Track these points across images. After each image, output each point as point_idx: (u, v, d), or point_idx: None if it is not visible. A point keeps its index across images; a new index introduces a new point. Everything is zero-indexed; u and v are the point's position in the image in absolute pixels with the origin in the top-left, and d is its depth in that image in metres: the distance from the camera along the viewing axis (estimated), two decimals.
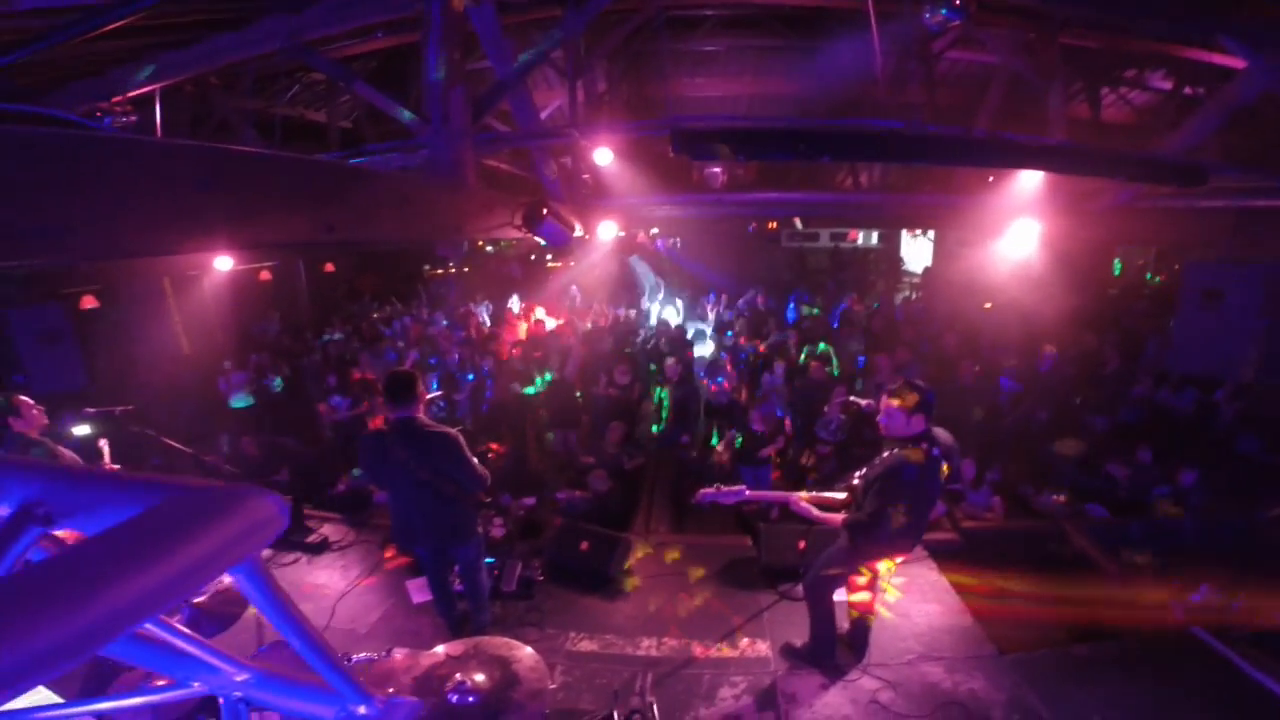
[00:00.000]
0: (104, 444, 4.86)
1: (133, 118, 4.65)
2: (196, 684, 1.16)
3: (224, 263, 8.01)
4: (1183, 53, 6.50)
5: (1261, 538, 5.27)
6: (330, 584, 5.14)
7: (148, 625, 1.00)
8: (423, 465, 3.82)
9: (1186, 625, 4.18)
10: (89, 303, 9.11)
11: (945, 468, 3.57)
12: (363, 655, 3.65)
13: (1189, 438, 7.22)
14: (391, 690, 2.83)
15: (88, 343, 8.96)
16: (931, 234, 17.35)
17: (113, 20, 3.60)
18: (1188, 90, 8.05)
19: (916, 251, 18.81)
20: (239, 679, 1.18)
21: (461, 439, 3.92)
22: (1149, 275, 15.03)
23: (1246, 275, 7.17)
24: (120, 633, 0.72)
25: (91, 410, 5.75)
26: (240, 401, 9.08)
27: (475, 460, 3.95)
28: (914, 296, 14.23)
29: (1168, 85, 8.63)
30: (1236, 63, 5.61)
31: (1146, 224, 7.99)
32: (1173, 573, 4.62)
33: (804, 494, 3.98)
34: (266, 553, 5.38)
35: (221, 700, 1.22)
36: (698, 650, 4.32)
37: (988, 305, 10.88)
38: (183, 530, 0.81)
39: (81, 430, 4.98)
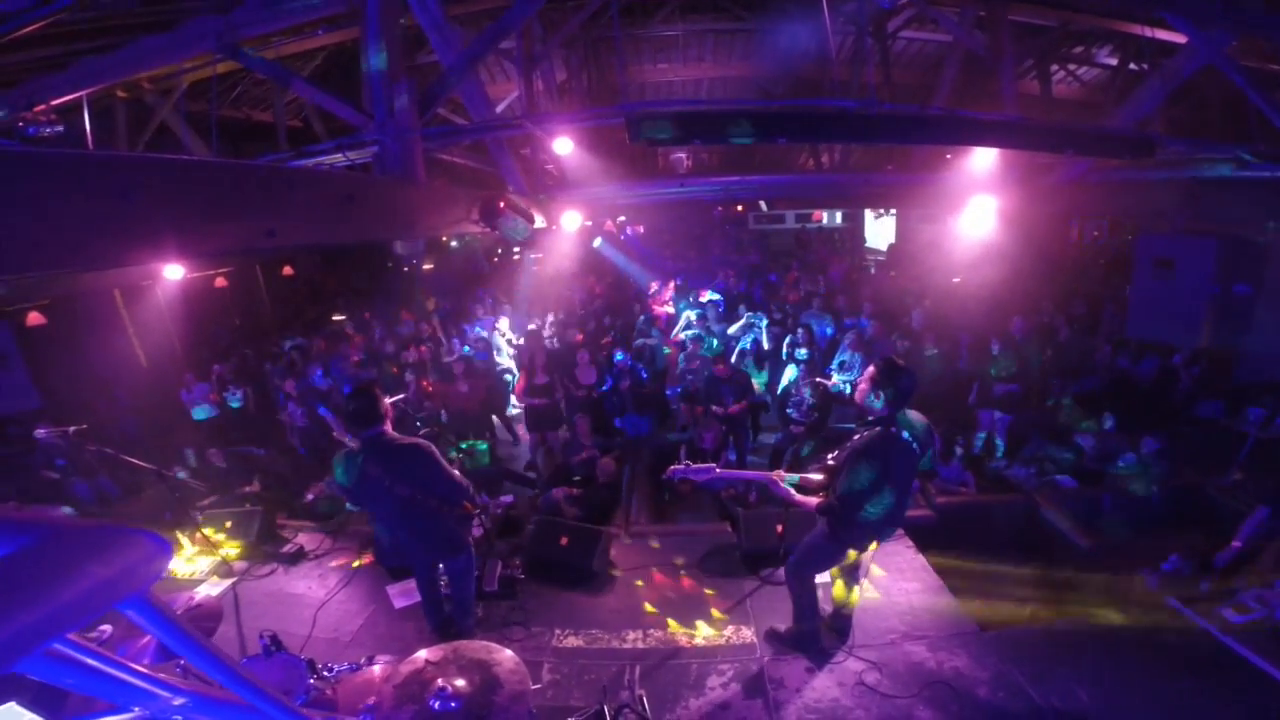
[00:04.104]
0: None
1: (59, 127, 4.41)
2: (136, 709, 1.17)
3: (175, 271, 7.72)
4: (1128, 28, 6.63)
5: (1224, 503, 5.41)
6: (309, 593, 5.01)
7: (83, 655, 1.01)
8: (399, 481, 3.72)
9: (1160, 595, 4.26)
10: (35, 320, 8.76)
11: (920, 451, 3.57)
12: (344, 665, 3.60)
13: (1150, 404, 7.42)
14: (373, 700, 2.80)
15: (38, 361, 8.62)
16: (894, 212, 17.56)
17: (23, 25, 3.39)
18: (1133, 66, 8.24)
19: (880, 230, 19.03)
20: (177, 703, 1.19)
21: (434, 450, 3.82)
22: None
23: (1197, 246, 7.41)
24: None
25: (44, 430, 5.54)
26: (203, 413, 8.81)
27: (452, 469, 3.86)
28: (884, 274, 14.38)
29: (1114, 61, 8.82)
30: (1178, 37, 5.73)
31: (1099, 197, 8.16)
32: (1143, 542, 4.70)
33: (782, 473, 3.96)
34: (241, 564, 5.29)
35: None
36: (684, 640, 4.32)
37: (956, 280, 11.04)
38: (57, 570, 0.81)
39: None
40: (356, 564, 5.32)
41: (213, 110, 5.67)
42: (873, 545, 3.78)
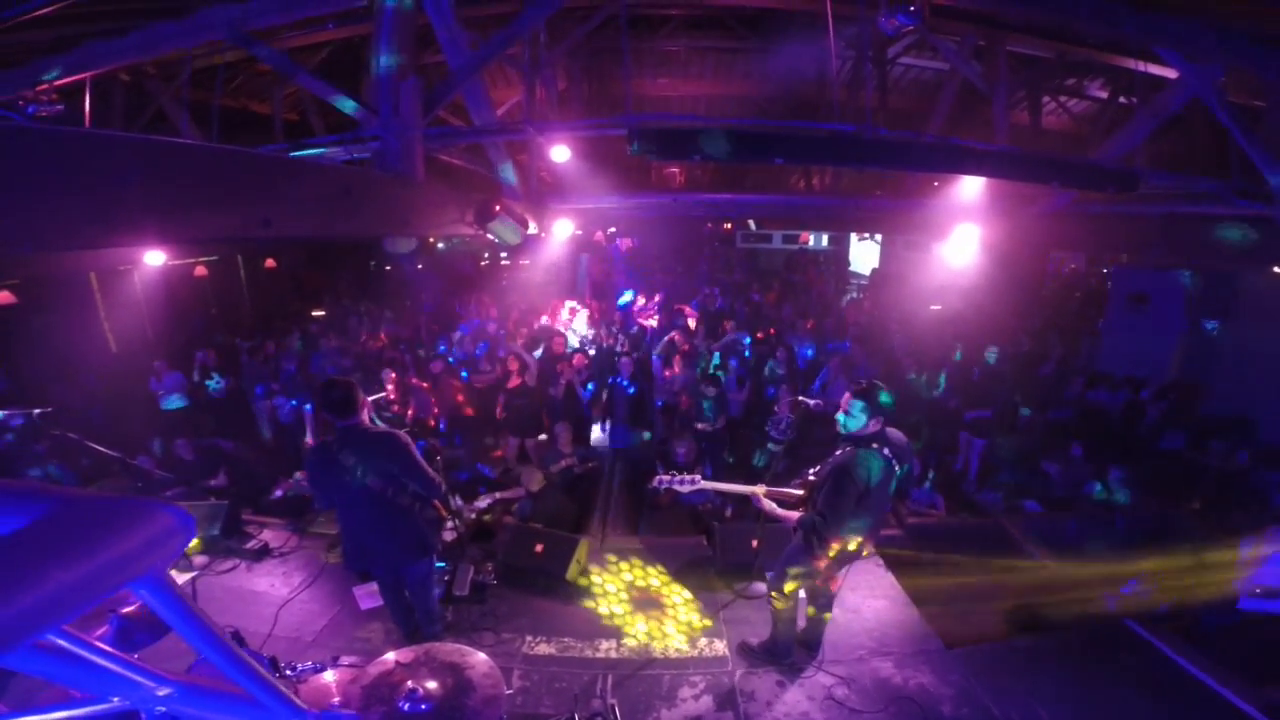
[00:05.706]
0: None
1: (59, 107, 4.36)
2: (116, 699, 1.12)
3: (155, 257, 7.58)
4: (1121, 61, 6.82)
5: (1183, 531, 5.56)
6: (272, 591, 4.90)
7: (58, 639, 0.95)
8: (372, 472, 3.64)
9: (1119, 617, 4.36)
10: (5, 299, 8.55)
11: (897, 470, 3.63)
12: (308, 665, 3.52)
13: (1117, 435, 7.58)
14: (337, 701, 2.72)
15: (5, 341, 8.40)
16: (879, 237, 17.83)
17: (35, 8, 3.35)
18: (1122, 99, 8.47)
19: (864, 254, 19.29)
20: (161, 693, 1.15)
21: (410, 441, 3.75)
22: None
23: (1170, 281, 7.62)
24: (9, 647, 0.68)
25: (4, 412, 5.40)
26: (173, 403, 8.62)
27: (427, 465, 3.78)
28: (860, 298, 14.60)
29: (1104, 94, 9.06)
30: (1169, 72, 5.92)
31: (1081, 229, 8.36)
32: (1105, 566, 4.82)
33: (763, 488, 4.01)
34: (201, 559, 5.14)
35: (144, 715, 1.19)
36: (656, 651, 4.30)
37: (936, 307, 11.22)
38: (73, 543, 0.76)
39: None
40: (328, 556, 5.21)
41: (216, 99, 5.63)
42: (865, 551, 3.78)
